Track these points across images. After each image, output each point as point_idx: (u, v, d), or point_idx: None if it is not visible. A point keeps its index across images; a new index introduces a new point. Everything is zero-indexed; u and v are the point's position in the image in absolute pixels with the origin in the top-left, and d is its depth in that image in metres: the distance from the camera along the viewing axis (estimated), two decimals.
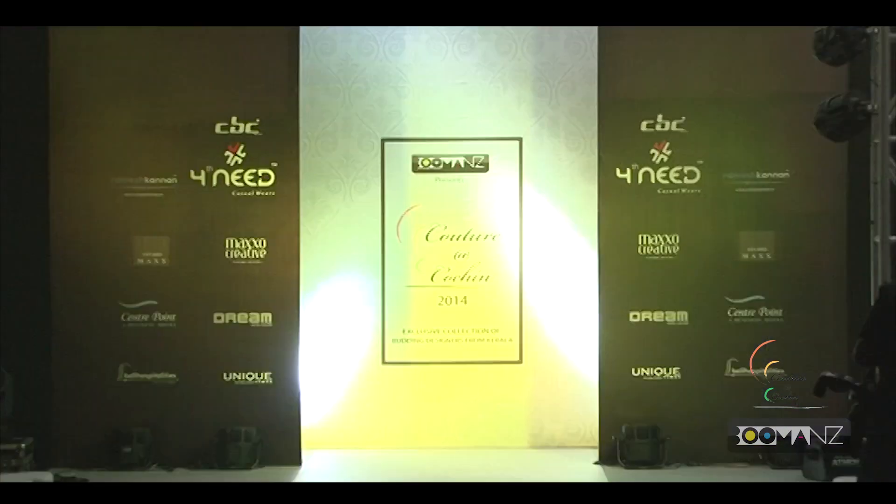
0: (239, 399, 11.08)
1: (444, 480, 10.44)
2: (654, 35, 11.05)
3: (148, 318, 11.12)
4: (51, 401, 10.84)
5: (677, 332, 11.13)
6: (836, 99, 9.29)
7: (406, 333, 12.02)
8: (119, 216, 11.13)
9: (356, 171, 11.96)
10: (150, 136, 11.18)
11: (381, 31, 11.90)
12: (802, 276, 11.03)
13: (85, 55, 11.08)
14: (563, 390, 11.87)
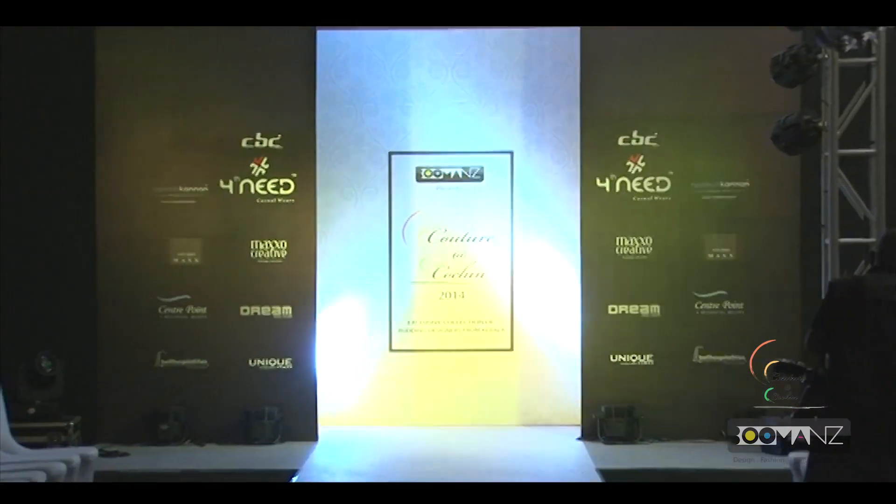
0: (262, 382, 11.08)
1: (444, 455, 10.50)
2: (629, 60, 11.13)
3: (182, 311, 11.12)
4: (96, 383, 10.85)
5: (650, 323, 11.14)
6: (790, 117, 9.34)
7: (411, 324, 12.03)
8: (157, 220, 11.13)
9: (366, 180, 11.97)
10: (183, 150, 11.18)
11: (388, 57, 11.94)
12: (761, 273, 11.03)
13: (127, 79, 11.08)
14: (549, 375, 11.89)
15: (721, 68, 10.99)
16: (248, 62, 11.21)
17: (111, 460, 9.68)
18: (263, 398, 11.01)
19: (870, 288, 6.09)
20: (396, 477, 9.72)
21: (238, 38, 11.25)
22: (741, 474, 9.49)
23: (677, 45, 11.19)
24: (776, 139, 9.40)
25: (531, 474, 9.76)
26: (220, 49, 11.20)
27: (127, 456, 10.17)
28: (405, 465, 10.15)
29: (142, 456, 10.26)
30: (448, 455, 10.53)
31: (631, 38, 11.25)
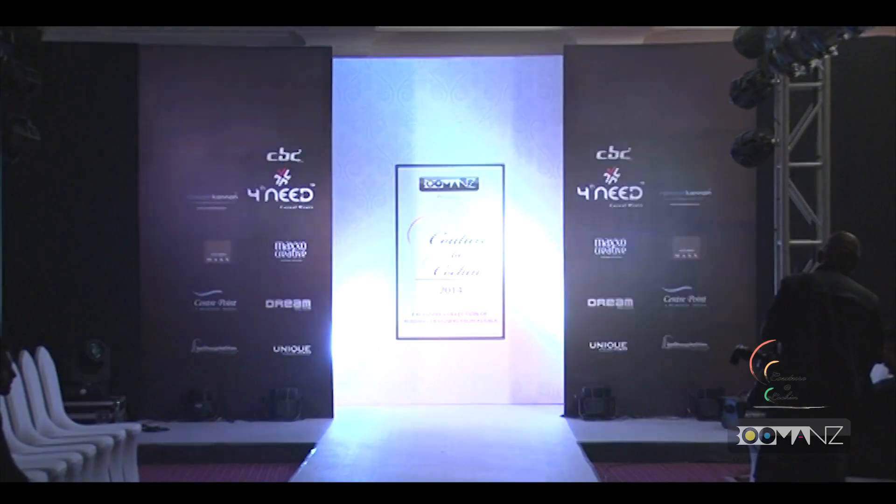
0: (285, 366, 11.10)
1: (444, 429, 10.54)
2: (606, 84, 11.21)
3: (214, 304, 11.15)
4: (139, 367, 10.86)
5: (624, 314, 11.15)
6: (747, 134, 9.37)
7: (415, 316, 12.06)
8: (192, 224, 11.16)
9: (376, 189, 12.00)
10: (216, 162, 11.21)
11: (395, 81, 11.99)
12: (721, 271, 11.07)
13: (166, 100, 11.13)
14: (535, 359, 11.92)
15: (686, 91, 11.04)
16: (273, 86, 11.28)
17: (152, 434, 9.75)
18: (286, 380, 11.02)
19: (817, 284, 6.12)
20: (403, 448, 9.78)
21: (264, 65, 11.36)
22: (704, 447, 9.57)
23: (648, 71, 11.28)
24: (735, 153, 9.43)
25: (520, 447, 9.79)
26: (248, 74, 11.29)
27: (166, 431, 10.23)
28: (410, 439, 10.19)
29: (179, 431, 10.30)
30: (447, 429, 10.57)
31: (607, 64, 11.36)
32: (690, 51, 11.23)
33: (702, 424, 10.48)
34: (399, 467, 9.03)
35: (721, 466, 8.77)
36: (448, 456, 9.38)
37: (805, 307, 5.99)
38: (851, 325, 5.95)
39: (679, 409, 10.84)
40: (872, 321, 6.03)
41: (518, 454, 9.48)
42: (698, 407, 10.72)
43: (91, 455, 7.12)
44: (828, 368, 5.88)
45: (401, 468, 8.98)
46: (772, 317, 6.23)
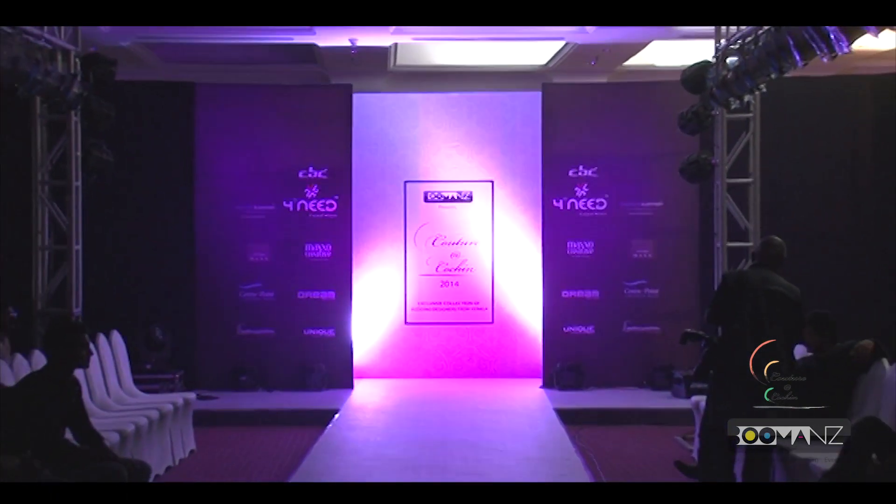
0: (313, 346, 11.06)
1: (444, 398, 10.55)
2: (576, 115, 11.21)
3: (256, 294, 11.10)
4: (194, 347, 10.83)
5: (592, 303, 11.12)
6: (692, 156, 9.41)
7: (420, 304, 12.00)
8: (237, 230, 11.11)
9: (388, 201, 11.93)
10: (256, 179, 11.15)
11: (404, 112, 11.93)
12: (670, 268, 11.05)
13: (216, 128, 11.09)
14: (519, 340, 11.86)
15: (642, 121, 11.00)
16: (304, 116, 11.24)
17: (205, 402, 9.70)
18: (314, 357, 10.98)
19: (750, 279, 6.13)
20: (410, 413, 9.79)
21: (296, 99, 11.38)
22: (657, 412, 9.60)
23: (611, 104, 11.31)
24: (682, 172, 9.47)
25: (506, 412, 9.81)
26: (283, 107, 11.24)
27: (216, 399, 10.18)
28: (416, 405, 10.21)
29: (227, 399, 10.28)
30: (447, 398, 10.59)
31: (577, 99, 11.40)
32: (645, 88, 11.23)
33: (655, 394, 10.47)
34: (407, 429, 9.06)
35: (670, 428, 8.83)
36: (447, 418, 9.40)
37: (741, 298, 6.03)
38: (778, 312, 5.98)
39: (636, 381, 10.83)
40: (795, 310, 6.06)
41: (504, 418, 9.50)
42: (652, 379, 10.72)
43: (155, 419, 7.16)
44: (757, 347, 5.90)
45: (409, 429, 9.01)
46: (713, 305, 6.26)
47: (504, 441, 8.39)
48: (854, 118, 10.67)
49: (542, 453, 8.07)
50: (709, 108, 8.93)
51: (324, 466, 7.43)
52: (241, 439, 8.69)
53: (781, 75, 7.49)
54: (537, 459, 7.83)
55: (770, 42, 7.25)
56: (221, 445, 8.40)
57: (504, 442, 8.35)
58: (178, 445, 7.80)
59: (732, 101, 8.54)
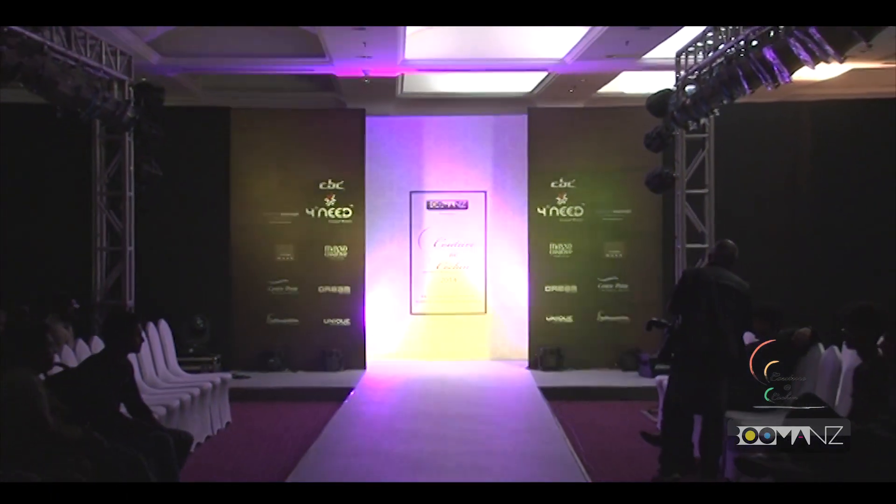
0: (332, 333, 11.03)
1: (443, 376, 10.49)
2: (557, 135, 11.17)
3: (282, 289, 11.06)
4: (231, 333, 10.80)
5: (570, 296, 11.10)
6: (656, 170, 9.38)
7: (423, 297, 11.97)
8: (267, 233, 11.08)
9: (395, 209, 11.90)
10: (283, 189, 11.13)
11: (411, 132, 11.92)
12: (638, 266, 11.01)
13: (249, 147, 11.05)
14: (508, 328, 11.82)
15: (614, 140, 10.96)
16: (324, 136, 11.21)
17: (239, 381, 9.68)
18: (332, 343, 10.95)
19: (706, 275, 6.12)
20: (416, 389, 9.76)
21: (317, 121, 11.37)
22: (626, 389, 9.58)
23: (587, 126, 11.30)
24: (647, 184, 9.44)
25: (497, 389, 9.81)
26: (306, 128, 11.24)
27: (248, 378, 10.16)
28: (420, 383, 10.18)
29: (258, 378, 10.25)
30: (446, 376, 10.56)
31: (558, 121, 11.39)
32: (616, 112, 11.21)
33: (624, 374, 10.46)
34: (412, 403, 9.04)
35: (637, 403, 8.82)
36: (446, 395, 9.39)
37: (698, 291, 6.01)
38: (730, 304, 5.97)
39: (608, 363, 10.81)
40: (745, 302, 6.05)
41: (495, 394, 9.50)
42: (622, 361, 10.71)
43: (196, 395, 7.16)
44: (713, 335, 5.91)
45: (413, 404, 9.00)
46: (674, 299, 6.25)
47: (495, 414, 8.38)
48: (795, 138, 10.72)
49: (527, 424, 8.07)
50: (670, 129, 8.92)
51: (340, 435, 7.44)
52: (270, 412, 8.69)
53: (732, 101, 7.50)
54: (524, 430, 7.82)
55: (723, 73, 7.26)
56: (253, 418, 8.39)
57: (495, 415, 8.34)
58: (217, 418, 7.80)
59: (690, 124, 8.55)
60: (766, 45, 6.37)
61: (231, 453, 6.92)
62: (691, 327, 5.98)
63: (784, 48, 6.06)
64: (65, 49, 7.21)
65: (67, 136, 9.05)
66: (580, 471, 6.15)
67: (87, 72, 7.67)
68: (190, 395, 6.99)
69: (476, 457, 6.63)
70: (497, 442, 7.21)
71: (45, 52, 6.76)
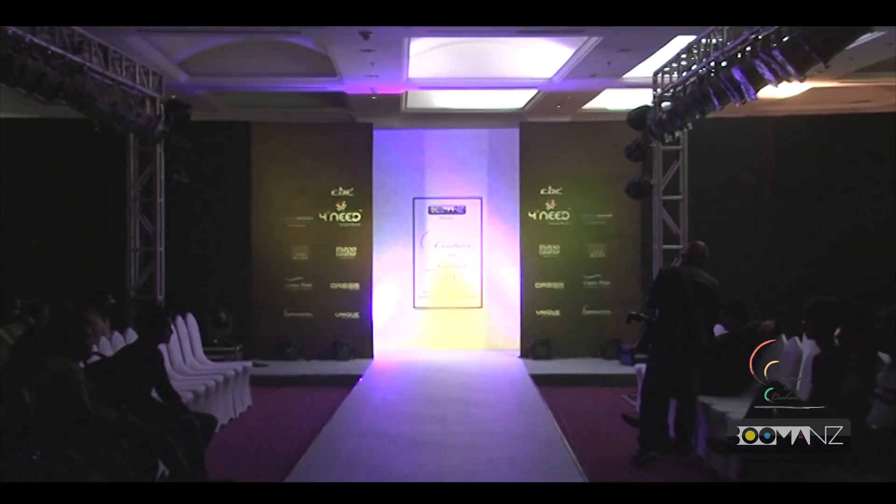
0: (342, 325, 10.99)
1: (443, 364, 10.45)
2: (546, 146, 11.13)
3: (298, 286, 11.03)
4: (251, 326, 10.77)
5: (558, 292, 11.06)
6: (635, 178, 9.39)
7: (425, 293, 11.95)
8: (285, 236, 11.05)
9: (400, 213, 11.87)
10: (298, 195, 11.08)
11: (414, 144, 11.87)
12: (619, 265, 10.98)
13: (268, 158, 11.02)
14: (502, 321, 11.79)
15: (597, 151, 10.93)
16: (335, 147, 11.17)
17: (259, 369, 9.62)
18: (343, 334, 10.92)
19: (680, 273, 6.13)
20: (418, 376, 9.73)
21: (329, 134, 11.34)
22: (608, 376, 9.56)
23: (573, 138, 11.27)
24: (628, 190, 9.45)
25: (491, 376, 9.77)
26: (319, 140, 11.19)
27: (267, 366, 10.12)
28: (422, 371, 10.15)
29: (276, 366, 10.22)
30: (446, 364, 10.54)
31: (547, 134, 11.36)
32: (600, 125, 11.19)
33: (606, 362, 10.44)
34: (415, 388, 9.03)
35: (618, 388, 8.82)
36: (446, 381, 9.39)
37: (672, 288, 6.02)
38: (701, 299, 5.97)
39: (592, 352, 10.79)
40: (715, 297, 6.06)
41: (490, 380, 9.49)
42: (604, 351, 10.70)
43: (220, 382, 7.14)
44: (686, 327, 5.92)
45: (416, 389, 8.98)
46: (652, 294, 6.25)
47: (490, 398, 8.38)
48: (760, 150, 10.72)
49: (519, 408, 8.06)
50: (648, 141, 8.93)
51: (351, 417, 7.44)
52: (287, 397, 8.67)
53: (704, 116, 7.52)
54: (516, 412, 7.82)
55: (695, 91, 7.28)
56: (271, 402, 8.37)
57: (490, 399, 8.34)
58: (239, 402, 7.79)
59: (666, 136, 8.57)
60: (734, 66, 6.39)
61: (251, 434, 6.92)
62: (667, 320, 5.98)
63: (750, 68, 6.07)
64: (102, 69, 7.24)
65: (104, 148, 9.05)
66: (567, 449, 6.15)
67: (123, 90, 7.69)
68: (214, 381, 6.98)
69: (473, 437, 6.64)
70: (492, 423, 7.21)
71: (85, 72, 6.80)
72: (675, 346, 5.91)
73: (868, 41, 7.86)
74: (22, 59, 5.79)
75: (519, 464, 5.88)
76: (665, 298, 6.02)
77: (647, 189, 9.25)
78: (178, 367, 7.39)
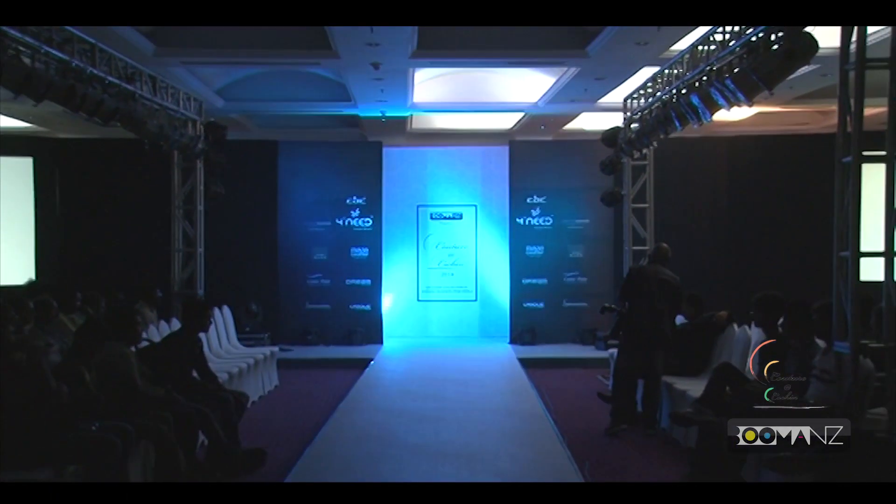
0: (356, 316, 10.96)
1: (443, 350, 10.48)
2: (532, 161, 11.09)
3: (318, 282, 11.00)
4: (278, 316, 10.73)
5: (542, 287, 11.03)
6: (608, 189, 9.34)
7: (428, 287, 11.92)
8: (306, 238, 11.01)
9: (406, 219, 11.82)
10: (319, 204, 11.04)
11: (418, 160, 11.82)
12: (595, 264, 10.97)
13: (292, 172, 10.98)
14: (494, 312, 11.74)
15: (576, 165, 10.88)
16: (350, 162, 11.12)
17: (284, 353, 9.59)
18: (356, 323, 10.89)
19: (647, 271, 6.16)
20: (422, 361, 9.73)
21: (345, 151, 11.29)
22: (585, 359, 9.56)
23: (555, 154, 11.24)
24: (602, 200, 9.42)
25: (484, 360, 9.78)
26: (337, 156, 11.13)
27: (292, 350, 10.10)
28: (425, 356, 10.18)
29: (299, 350, 10.19)
30: (445, 351, 10.56)
31: (533, 150, 11.32)
32: (578, 143, 11.17)
33: (584, 347, 10.44)
34: (419, 371, 9.03)
35: (594, 370, 8.82)
36: (445, 364, 9.40)
37: (640, 283, 6.05)
38: (666, 293, 6.00)
39: (572, 339, 10.79)
40: (676, 291, 6.08)
41: (483, 363, 9.50)
42: (582, 338, 10.70)
43: (251, 364, 7.16)
44: (652, 317, 5.95)
45: (420, 371, 8.99)
46: (623, 289, 6.27)
47: (483, 379, 8.38)
48: (715, 165, 10.76)
49: (509, 387, 8.07)
50: (619, 157, 8.92)
51: (363, 396, 7.45)
52: (309, 377, 8.68)
53: (667, 136, 7.53)
54: (506, 391, 7.82)
55: (659, 114, 7.29)
56: (295, 382, 8.38)
57: (483, 379, 8.34)
58: (267, 382, 7.79)
59: (635, 153, 8.56)
60: (692, 93, 6.41)
61: (278, 409, 6.93)
62: (635, 311, 6.02)
63: (706, 95, 6.10)
64: (151, 96, 7.27)
65: (153, 164, 9.07)
66: (549, 422, 6.16)
67: (168, 114, 7.72)
68: (246, 363, 6.99)
69: (469, 412, 6.65)
70: (485, 400, 7.21)
71: (137, 98, 6.83)
72: (642, 333, 5.94)
73: (806, 73, 7.89)
74: (83, 89, 5.86)
75: (507, 435, 5.90)
76: (634, 292, 6.06)
77: (619, 198, 9.25)
78: (214, 352, 7.40)
